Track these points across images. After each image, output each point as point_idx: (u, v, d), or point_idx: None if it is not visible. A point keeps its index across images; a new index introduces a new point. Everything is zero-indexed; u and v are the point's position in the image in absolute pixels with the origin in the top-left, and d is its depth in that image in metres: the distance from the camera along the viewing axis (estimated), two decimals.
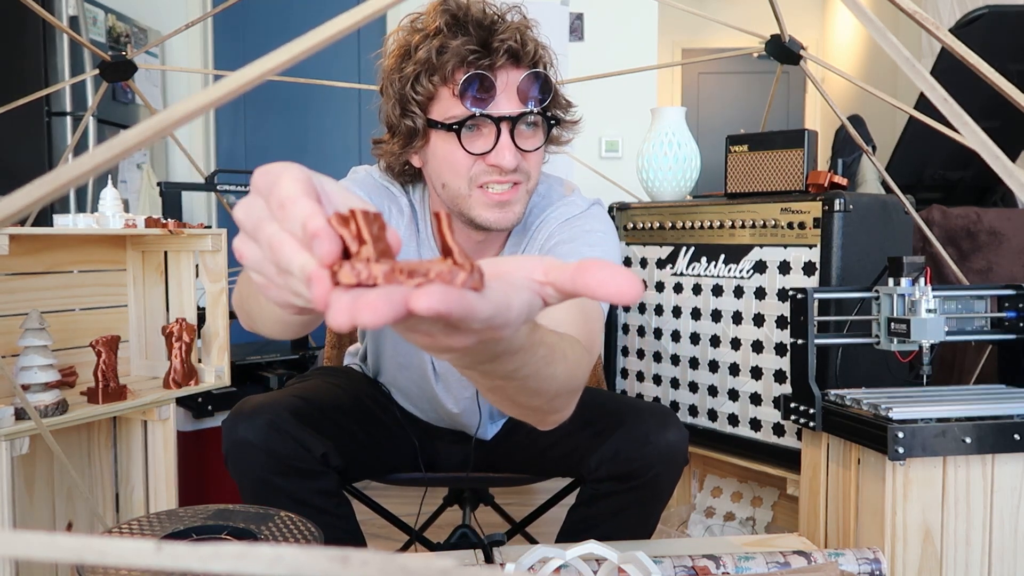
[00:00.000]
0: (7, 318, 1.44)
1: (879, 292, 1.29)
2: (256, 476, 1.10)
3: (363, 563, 0.22)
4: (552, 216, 1.16)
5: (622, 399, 1.27)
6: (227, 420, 1.13)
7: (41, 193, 0.27)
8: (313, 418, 1.14)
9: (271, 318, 0.75)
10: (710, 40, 5.76)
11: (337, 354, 1.67)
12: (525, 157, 1.06)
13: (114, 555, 0.23)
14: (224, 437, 1.12)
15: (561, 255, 1.07)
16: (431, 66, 1.02)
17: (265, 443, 1.09)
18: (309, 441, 1.11)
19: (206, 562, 0.22)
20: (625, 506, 1.16)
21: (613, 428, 1.15)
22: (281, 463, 1.10)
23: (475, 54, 1.01)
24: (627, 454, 1.13)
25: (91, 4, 3.13)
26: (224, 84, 0.29)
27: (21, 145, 3.00)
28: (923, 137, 2.33)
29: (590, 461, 1.15)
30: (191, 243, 1.64)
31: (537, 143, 1.07)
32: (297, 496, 1.12)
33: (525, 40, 1.03)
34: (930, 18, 0.40)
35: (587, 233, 1.12)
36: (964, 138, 0.33)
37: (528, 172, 1.07)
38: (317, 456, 1.12)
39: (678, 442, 1.14)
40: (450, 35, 1.02)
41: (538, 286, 0.43)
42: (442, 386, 1.27)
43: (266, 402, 1.13)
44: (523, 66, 1.04)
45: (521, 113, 1.03)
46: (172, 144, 3.49)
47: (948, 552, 1.15)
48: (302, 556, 0.22)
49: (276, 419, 1.10)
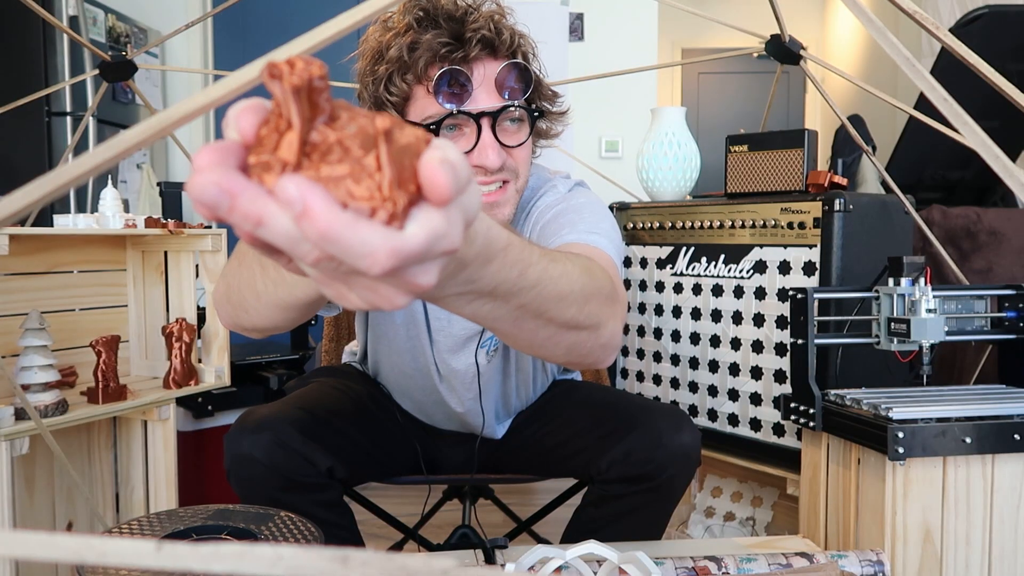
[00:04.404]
0: (7, 318, 1.44)
1: (879, 292, 1.29)
2: (260, 491, 1.08)
3: (363, 563, 0.22)
4: (538, 205, 1.12)
5: (633, 399, 1.24)
6: (230, 434, 1.10)
7: (41, 193, 0.27)
8: (318, 431, 1.11)
9: (271, 302, 0.72)
10: (710, 40, 5.76)
11: (335, 348, 1.67)
12: (511, 154, 1.01)
13: (114, 555, 0.23)
14: (227, 451, 1.09)
15: (549, 232, 1.02)
16: (403, 64, 0.97)
17: (270, 459, 1.06)
18: (315, 456, 1.08)
19: (206, 562, 0.22)
20: (635, 508, 1.13)
21: (625, 429, 1.11)
22: (286, 479, 1.08)
23: (447, 47, 0.95)
24: (639, 456, 1.09)
25: (91, 4, 3.13)
26: (224, 84, 0.29)
27: (21, 145, 3.00)
28: (923, 137, 2.33)
29: (600, 462, 1.12)
30: (191, 243, 1.64)
31: (522, 138, 1.02)
32: (300, 508, 1.09)
33: (500, 29, 0.97)
34: (930, 18, 0.40)
35: (573, 207, 1.06)
36: (964, 138, 0.33)
37: (516, 170, 1.03)
38: (323, 470, 1.09)
39: (691, 444, 1.11)
40: (421, 30, 0.97)
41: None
42: (446, 386, 1.26)
43: (270, 416, 1.10)
44: (500, 57, 0.98)
45: (503, 107, 0.98)
46: (172, 144, 3.49)
47: (948, 552, 1.15)
48: (302, 556, 0.22)
49: (281, 435, 1.07)
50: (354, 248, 0.34)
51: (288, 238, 0.35)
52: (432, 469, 1.35)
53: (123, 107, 3.28)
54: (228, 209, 0.34)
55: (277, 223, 0.35)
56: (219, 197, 0.34)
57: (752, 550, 1.02)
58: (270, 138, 0.35)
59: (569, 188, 1.14)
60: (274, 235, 0.35)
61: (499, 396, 1.29)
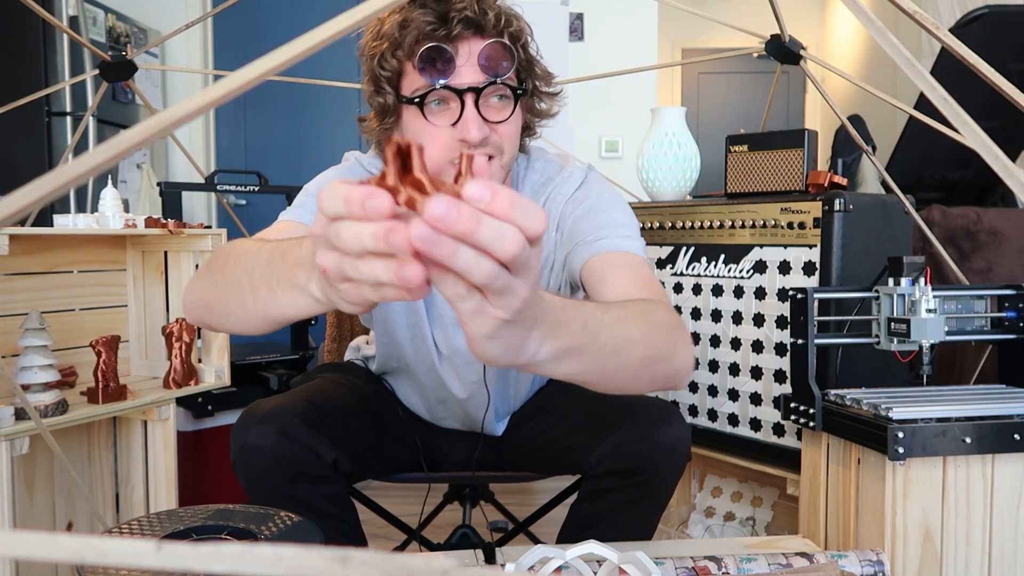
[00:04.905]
0: (7, 318, 1.44)
1: (879, 292, 1.29)
2: (265, 482, 1.09)
3: (363, 563, 0.22)
4: (557, 193, 1.17)
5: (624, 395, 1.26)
6: (237, 425, 1.11)
7: (41, 193, 0.27)
8: (323, 423, 1.13)
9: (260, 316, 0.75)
10: (710, 40, 5.76)
11: (338, 347, 1.67)
12: (495, 130, 1.04)
13: (114, 555, 0.23)
14: (233, 441, 1.10)
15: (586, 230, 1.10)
16: (395, 41, 1.02)
17: (276, 449, 1.08)
18: (320, 448, 1.10)
19: (206, 562, 0.22)
20: (627, 502, 1.14)
21: (614, 424, 1.14)
22: (291, 469, 1.09)
23: (431, 25, 1.00)
24: (628, 450, 1.11)
25: (91, 4, 3.13)
26: (224, 84, 0.29)
27: (21, 145, 3.00)
28: (923, 137, 2.33)
29: (591, 457, 1.14)
30: (191, 243, 1.64)
31: (506, 114, 1.05)
32: (305, 501, 1.11)
33: (484, 8, 1.01)
34: (930, 18, 0.40)
35: (600, 204, 1.13)
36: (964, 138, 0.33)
37: (500, 145, 1.05)
38: (328, 462, 1.11)
39: (680, 437, 1.12)
40: (411, 9, 1.02)
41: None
42: (447, 368, 1.26)
43: (277, 407, 1.11)
44: (488, 35, 1.02)
45: (486, 84, 1.01)
46: (172, 144, 3.49)
47: (948, 552, 1.15)
48: (302, 556, 0.22)
49: (287, 426, 1.09)
50: (519, 218, 0.47)
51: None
52: (432, 467, 1.35)
53: (123, 107, 3.28)
54: (457, 226, 0.46)
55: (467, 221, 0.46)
56: (445, 220, 0.46)
57: (752, 550, 1.02)
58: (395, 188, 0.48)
59: (584, 175, 1.19)
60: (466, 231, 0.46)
61: (502, 378, 1.29)
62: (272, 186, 2.36)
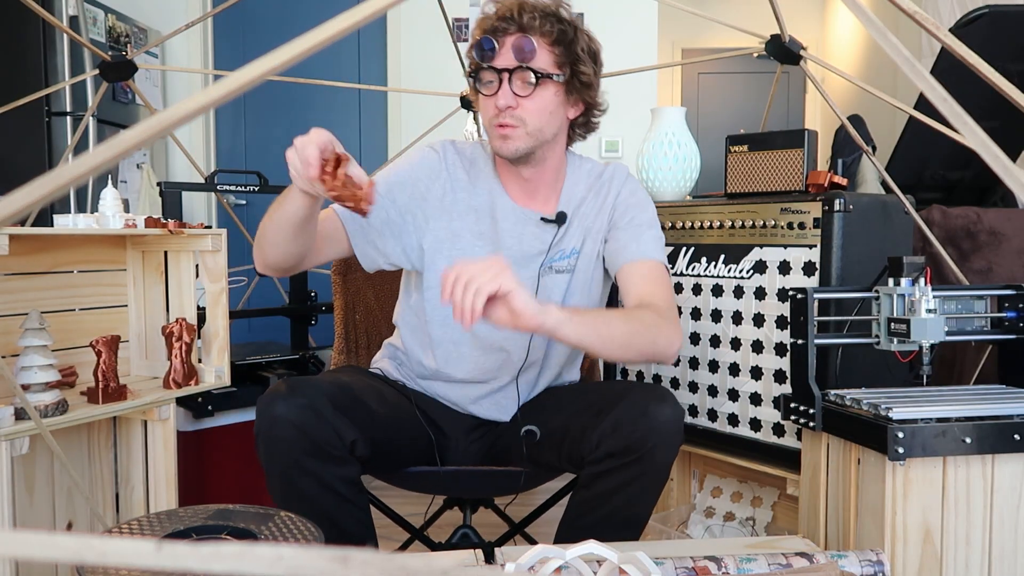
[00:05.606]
0: (7, 318, 1.44)
1: (879, 292, 1.29)
2: (287, 455, 1.15)
3: (363, 563, 0.22)
4: (615, 181, 1.42)
5: (621, 381, 1.45)
6: (263, 398, 1.17)
7: (41, 193, 0.27)
8: (347, 406, 1.20)
9: (279, 225, 1.18)
10: (710, 40, 5.76)
11: (345, 360, 1.68)
12: (520, 104, 1.28)
13: (114, 555, 0.23)
14: (259, 414, 1.16)
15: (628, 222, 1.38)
16: (472, 35, 1.33)
17: (301, 423, 1.14)
18: (342, 428, 1.17)
19: (206, 562, 0.22)
20: (624, 483, 1.19)
21: (613, 403, 1.20)
22: (313, 444, 1.15)
23: (487, 22, 1.29)
24: (627, 427, 1.17)
25: (91, 4, 3.13)
26: (224, 84, 0.29)
27: (21, 145, 3.00)
28: (923, 137, 2.33)
29: (592, 438, 1.19)
30: (191, 243, 1.64)
31: (528, 91, 1.28)
32: (324, 480, 1.16)
33: (522, 11, 1.27)
34: (930, 18, 0.40)
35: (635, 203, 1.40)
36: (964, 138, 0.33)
37: (523, 118, 1.29)
38: (347, 443, 1.17)
39: (674, 417, 1.19)
40: (485, 11, 1.32)
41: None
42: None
43: (304, 384, 1.19)
44: (531, 33, 1.27)
45: (516, 68, 1.27)
46: (172, 144, 3.49)
47: (948, 552, 1.15)
48: (302, 556, 0.22)
49: (314, 402, 1.16)
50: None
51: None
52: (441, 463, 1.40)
53: (123, 107, 3.28)
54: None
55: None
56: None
57: (752, 550, 1.02)
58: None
59: (626, 175, 1.45)
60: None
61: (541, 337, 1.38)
62: (272, 186, 2.36)
